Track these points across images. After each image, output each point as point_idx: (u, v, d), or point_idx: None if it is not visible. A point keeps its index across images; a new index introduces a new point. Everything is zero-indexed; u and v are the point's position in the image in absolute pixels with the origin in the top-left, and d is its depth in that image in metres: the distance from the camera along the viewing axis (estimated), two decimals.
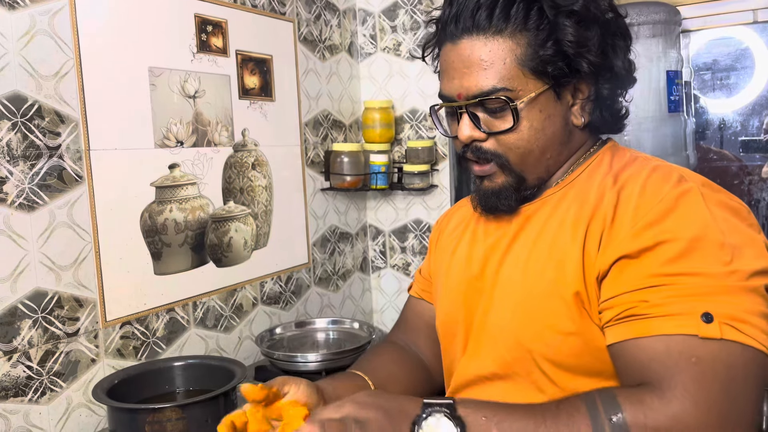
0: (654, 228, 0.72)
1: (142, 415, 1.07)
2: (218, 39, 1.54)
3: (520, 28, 0.79)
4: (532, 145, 0.83)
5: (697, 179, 0.76)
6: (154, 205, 1.40)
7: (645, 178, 0.77)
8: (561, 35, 0.79)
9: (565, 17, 0.79)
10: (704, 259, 0.69)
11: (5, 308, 1.13)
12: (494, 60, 0.80)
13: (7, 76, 1.12)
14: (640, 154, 0.86)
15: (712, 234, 0.70)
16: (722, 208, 0.73)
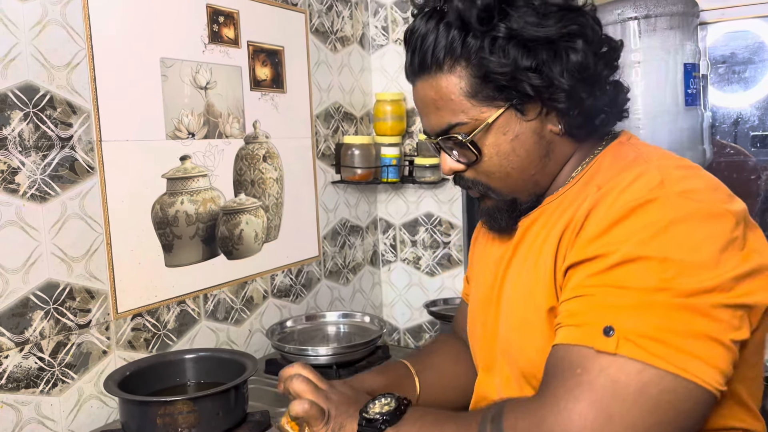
0: (599, 239, 0.68)
1: (154, 407, 1.07)
2: (230, 30, 1.53)
3: (455, 61, 0.77)
4: (506, 168, 0.80)
5: (680, 185, 0.68)
6: (166, 196, 1.39)
7: (624, 187, 0.71)
8: (489, 65, 0.75)
9: (489, 45, 0.75)
10: (637, 274, 0.64)
11: (17, 299, 1.12)
12: (443, 97, 0.79)
13: (19, 66, 1.12)
14: (647, 151, 0.78)
15: (657, 248, 0.64)
16: (693, 219, 0.65)
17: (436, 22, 0.77)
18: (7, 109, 1.10)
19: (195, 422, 1.08)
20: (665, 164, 0.73)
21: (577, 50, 0.75)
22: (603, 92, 0.79)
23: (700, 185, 0.70)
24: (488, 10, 0.74)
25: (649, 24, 1.53)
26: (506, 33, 0.74)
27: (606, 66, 0.79)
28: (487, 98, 0.77)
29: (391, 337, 2.14)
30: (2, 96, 1.10)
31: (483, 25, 0.75)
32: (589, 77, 0.76)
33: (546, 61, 0.75)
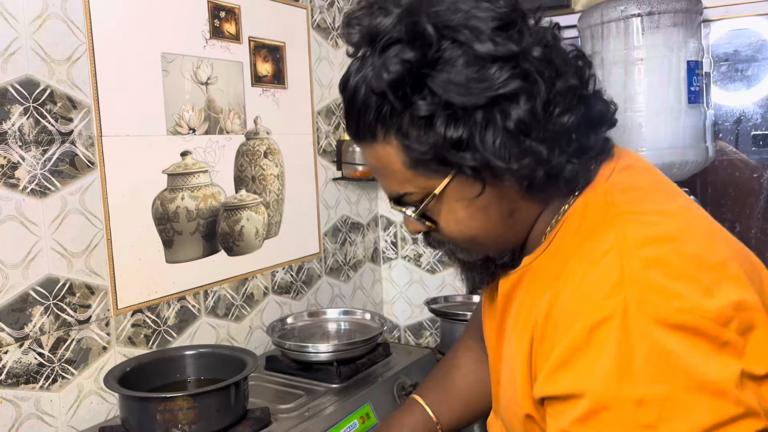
0: (563, 373, 0.59)
1: (154, 403, 1.07)
2: (231, 25, 1.53)
3: (387, 132, 0.66)
4: (468, 232, 0.71)
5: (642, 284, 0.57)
6: (166, 192, 1.39)
7: (579, 284, 0.61)
8: (410, 146, 0.65)
9: (408, 123, 0.64)
10: (615, 423, 0.55)
11: (17, 295, 1.12)
12: (385, 166, 0.69)
13: (19, 60, 1.11)
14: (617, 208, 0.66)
15: (627, 387, 0.55)
16: (665, 336, 0.55)
17: (365, 80, 0.65)
18: (7, 103, 1.10)
19: (195, 419, 1.07)
20: (629, 238, 0.61)
21: (519, 109, 0.62)
22: (566, 143, 0.65)
23: (666, 275, 0.57)
24: (399, 86, 0.63)
25: (652, 21, 1.53)
26: (427, 109, 0.62)
27: (566, 111, 0.64)
28: (429, 169, 0.66)
29: (392, 335, 2.14)
30: (2, 90, 1.09)
31: (399, 101, 0.63)
32: (541, 135, 0.63)
33: (477, 132, 0.62)
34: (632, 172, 0.71)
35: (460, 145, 0.63)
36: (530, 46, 0.63)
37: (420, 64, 0.62)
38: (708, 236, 0.64)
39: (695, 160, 1.58)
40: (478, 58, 0.62)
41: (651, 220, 0.64)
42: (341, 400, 1.31)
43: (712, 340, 0.55)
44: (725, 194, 1.80)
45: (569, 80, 0.65)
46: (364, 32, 0.66)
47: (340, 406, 1.29)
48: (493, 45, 0.62)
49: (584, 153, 0.68)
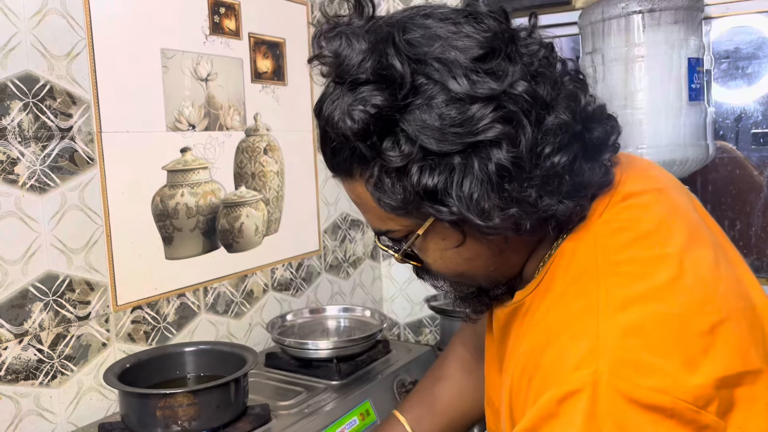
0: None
1: (154, 400, 1.07)
2: (231, 21, 1.52)
3: (363, 171, 0.62)
4: (455, 270, 0.68)
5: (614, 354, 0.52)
6: (166, 189, 1.38)
7: (552, 342, 0.57)
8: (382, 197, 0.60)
9: (378, 173, 0.60)
10: None
11: (17, 291, 1.12)
12: (364, 203, 0.65)
13: (19, 55, 1.11)
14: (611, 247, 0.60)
15: None
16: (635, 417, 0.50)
17: (335, 119, 0.60)
18: (6, 99, 1.09)
19: (195, 415, 1.07)
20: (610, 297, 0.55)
21: (501, 154, 0.56)
22: (558, 183, 0.59)
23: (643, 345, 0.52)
24: (366, 136, 0.57)
25: (653, 18, 1.52)
26: (399, 159, 0.57)
27: (558, 150, 0.58)
28: (408, 212, 0.61)
29: (391, 332, 2.14)
30: (2, 86, 1.09)
31: (369, 149, 0.59)
32: (529, 181, 0.57)
33: (452, 181, 0.57)
34: (628, 205, 0.64)
35: (434, 195, 0.58)
36: (515, 81, 0.57)
37: (390, 108, 0.57)
38: (701, 292, 0.56)
39: (696, 158, 1.57)
40: (455, 98, 0.56)
41: (638, 273, 0.57)
42: (341, 397, 1.31)
43: (689, 424, 0.50)
44: (726, 192, 1.80)
45: (560, 115, 0.58)
46: (331, 62, 0.60)
47: (340, 402, 1.29)
48: (469, 84, 0.55)
49: (578, 192, 0.61)
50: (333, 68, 0.60)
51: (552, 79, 0.59)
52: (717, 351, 0.52)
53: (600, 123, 0.63)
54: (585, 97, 0.62)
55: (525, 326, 0.66)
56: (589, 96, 0.63)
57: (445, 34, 0.57)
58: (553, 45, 0.62)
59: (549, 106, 0.58)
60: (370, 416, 1.32)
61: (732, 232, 1.81)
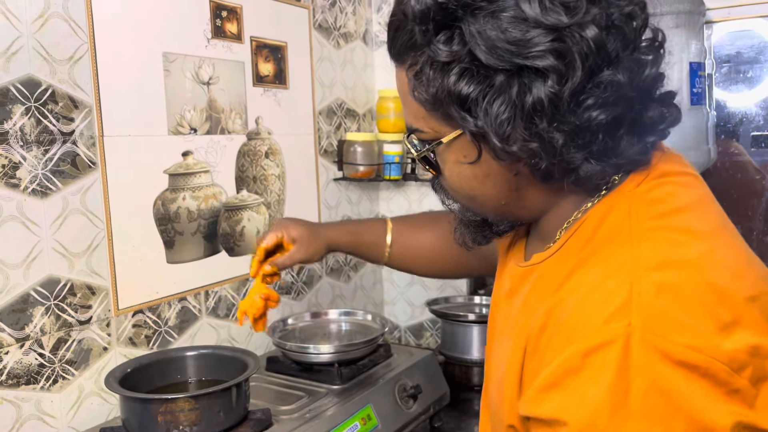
0: (551, 394, 0.54)
1: (155, 405, 1.06)
2: (233, 25, 1.52)
3: (413, 59, 0.62)
4: (469, 192, 0.67)
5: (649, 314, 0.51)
6: (167, 192, 1.38)
7: (581, 299, 0.56)
8: (418, 86, 0.61)
9: (426, 61, 0.60)
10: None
11: (18, 295, 1.12)
12: (403, 93, 0.65)
13: (21, 59, 1.11)
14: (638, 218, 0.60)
15: (618, 422, 0.49)
16: (668, 374, 0.49)
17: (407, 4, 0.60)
18: (8, 103, 1.09)
19: (196, 420, 1.07)
20: (644, 257, 0.55)
21: (543, 88, 0.55)
22: (589, 141, 0.58)
23: (679, 305, 0.51)
24: (424, 20, 0.58)
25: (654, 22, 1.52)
26: (447, 54, 0.57)
27: (598, 106, 0.56)
28: (442, 115, 0.62)
29: (392, 335, 2.14)
30: (4, 90, 1.09)
31: (423, 36, 0.59)
32: (558, 124, 0.57)
33: (487, 95, 0.57)
34: (666, 181, 0.63)
35: (464, 102, 0.58)
36: (586, 22, 0.55)
37: (457, 3, 0.56)
38: (737, 267, 0.57)
39: (697, 162, 1.57)
40: (521, 18, 0.55)
41: (673, 239, 0.57)
42: (342, 401, 1.31)
43: (722, 386, 0.49)
44: (727, 196, 1.80)
45: (617, 75, 0.56)
46: None
47: (342, 407, 1.29)
48: (540, 9, 0.54)
49: (609, 157, 0.60)
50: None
51: (626, 38, 0.57)
52: (751, 321, 0.52)
53: (660, 104, 0.62)
54: (652, 70, 0.60)
55: (541, 289, 0.65)
56: (658, 72, 0.61)
57: None
58: (646, 5, 0.60)
59: (611, 61, 0.56)
60: (372, 421, 1.32)
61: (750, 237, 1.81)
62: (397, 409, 1.40)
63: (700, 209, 0.62)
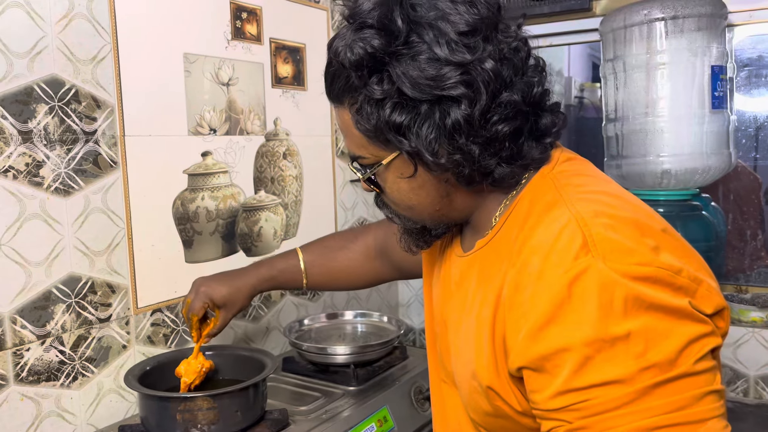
0: (548, 330, 0.63)
1: (174, 403, 1.07)
2: (252, 26, 1.53)
3: (352, 99, 0.73)
4: (407, 203, 0.79)
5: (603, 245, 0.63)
6: (187, 192, 1.39)
7: (547, 252, 0.66)
8: (359, 120, 0.72)
9: (363, 100, 0.71)
10: (611, 361, 0.60)
11: (40, 292, 1.13)
12: (346, 128, 0.77)
13: (45, 59, 1.12)
14: (566, 188, 0.73)
15: (613, 326, 0.60)
16: (634, 284, 0.61)
17: (339, 51, 0.72)
18: (32, 102, 1.11)
19: (215, 419, 1.07)
20: (582, 212, 0.67)
21: (459, 111, 0.69)
22: (498, 149, 0.72)
23: (623, 237, 0.64)
24: (359, 67, 0.70)
25: (676, 25, 1.51)
26: (380, 92, 0.70)
27: (502, 121, 0.71)
28: (381, 141, 0.74)
29: (407, 338, 2.13)
30: (28, 89, 1.10)
31: (358, 80, 0.71)
32: (474, 138, 0.70)
33: (417, 121, 0.70)
34: (573, 163, 0.79)
35: (399, 129, 0.71)
36: (484, 57, 0.69)
37: (383, 52, 0.69)
38: (645, 211, 0.71)
39: (718, 167, 1.56)
40: (434, 59, 0.68)
41: (596, 199, 0.70)
42: (358, 402, 1.31)
43: (669, 285, 0.62)
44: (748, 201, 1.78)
45: (513, 95, 0.71)
46: (349, 6, 0.73)
47: (358, 408, 1.29)
48: (449, 51, 0.68)
49: (516, 159, 0.74)
50: (348, 10, 0.73)
51: (516, 66, 0.72)
52: (670, 244, 0.66)
53: (550, 113, 0.77)
54: (538, 88, 0.74)
55: (494, 263, 0.76)
56: (544, 89, 0.75)
57: (443, 7, 0.70)
58: (527, 40, 0.75)
59: (507, 86, 0.71)
60: (388, 422, 1.32)
61: (754, 242, 1.79)
62: (413, 411, 1.40)
63: (605, 178, 0.77)
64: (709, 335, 0.62)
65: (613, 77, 1.64)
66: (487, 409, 0.76)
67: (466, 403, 0.81)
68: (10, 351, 1.09)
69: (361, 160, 0.78)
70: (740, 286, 1.72)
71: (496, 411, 0.75)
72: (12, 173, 1.08)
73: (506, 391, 0.72)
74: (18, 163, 1.09)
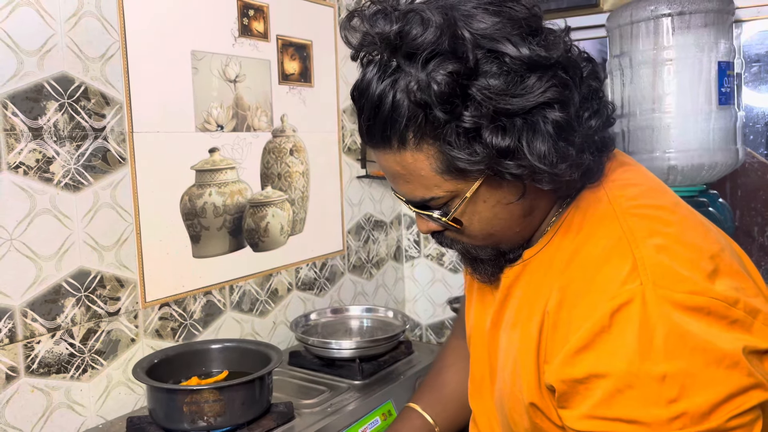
0: (584, 355, 0.61)
1: (181, 395, 1.09)
2: (260, 23, 1.54)
3: (421, 139, 0.66)
4: (488, 230, 0.73)
5: (655, 272, 0.60)
6: (194, 188, 1.41)
7: (594, 272, 0.64)
8: (457, 158, 0.65)
9: (455, 137, 0.64)
10: (641, 400, 0.58)
11: (50, 286, 1.15)
12: (412, 173, 0.69)
13: (55, 57, 1.14)
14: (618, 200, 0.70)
15: (650, 365, 0.57)
16: (681, 316, 0.58)
17: (391, 84, 0.64)
18: (43, 99, 1.13)
19: (221, 411, 1.09)
20: (635, 231, 0.64)
21: (557, 115, 0.64)
22: (590, 144, 0.69)
23: (675, 261, 0.61)
24: (449, 99, 0.62)
25: (683, 21, 1.51)
26: (472, 121, 0.63)
27: (593, 115, 0.68)
28: (462, 172, 0.67)
29: (413, 333, 2.15)
30: (39, 86, 1.12)
31: (446, 114, 0.63)
32: (575, 140, 0.66)
33: (524, 139, 0.64)
34: (626, 169, 0.76)
35: (507, 153, 0.64)
36: (559, 52, 0.65)
37: (464, 76, 0.62)
38: (701, 228, 0.68)
39: (725, 163, 1.55)
40: (514, 67, 0.63)
41: (651, 215, 0.68)
42: (363, 396, 1.32)
43: (723, 319, 0.59)
44: (755, 197, 1.78)
45: (591, 83, 0.68)
46: (394, 43, 0.64)
47: (362, 402, 1.30)
48: (529, 52, 0.63)
49: (601, 151, 0.72)
50: (400, 46, 0.64)
51: (576, 54, 0.69)
52: (726, 269, 0.63)
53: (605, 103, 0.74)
54: (599, 68, 0.72)
55: (540, 277, 0.73)
56: (600, 70, 0.73)
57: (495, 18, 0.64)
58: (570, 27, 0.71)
59: (582, 78, 0.68)
60: (392, 416, 1.33)
61: (761, 238, 1.79)
62: None
63: (658, 188, 0.74)
64: (756, 388, 0.58)
65: (620, 73, 1.64)
66: (527, 426, 0.74)
67: (506, 417, 0.79)
68: (21, 343, 1.11)
69: (433, 202, 0.71)
70: None
71: (534, 428, 0.73)
72: (23, 169, 1.10)
73: (548, 407, 0.70)
74: (29, 159, 1.11)
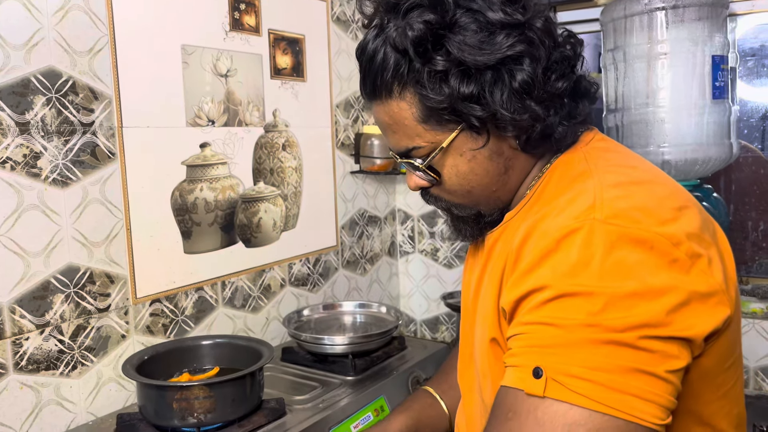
0: (529, 275, 0.66)
1: (171, 392, 1.08)
2: (251, 17, 1.53)
3: (403, 87, 0.74)
4: (466, 187, 0.79)
5: (608, 209, 0.65)
6: (185, 183, 1.40)
7: (557, 214, 0.68)
8: (428, 98, 0.72)
9: (427, 77, 0.72)
10: (566, 309, 0.62)
11: (38, 283, 1.14)
12: (396, 122, 0.76)
13: (42, 51, 1.13)
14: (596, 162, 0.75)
15: (584, 281, 0.61)
16: (623, 247, 0.62)
17: (383, 41, 0.73)
18: (30, 93, 1.11)
19: (211, 408, 1.08)
20: (604, 181, 0.69)
21: (523, 71, 0.71)
22: (559, 106, 0.75)
23: (631, 206, 0.65)
24: (421, 43, 0.71)
25: (677, 14, 1.50)
26: (443, 65, 0.70)
27: (561, 77, 0.74)
28: (439, 122, 0.74)
29: (408, 329, 2.14)
30: (25, 81, 1.11)
31: (420, 57, 0.71)
32: (540, 96, 0.72)
33: (487, 88, 0.71)
34: (607, 143, 0.81)
35: (470, 98, 0.71)
36: (534, 17, 0.72)
37: (439, 26, 0.70)
38: (672, 187, 0.72)
39: (719, 157, 1.55)
40: (488, 24, 0.70)
41: (624, 171, 0.72)
42: (356, 392, 1.32)
43: (664, 256, 0.62)
44: (749, 191, 1.77)
45: (565, 51, 0.75)
46: (384, 2, 0.74)
47: (355, 398, 1.29)
48: (503, 14, 0.70)
49: (573, 118, 0.76)
50: (384, 5, 0.74)
51: (556, 27, 0.76)
52: (684, 220, 0.66)
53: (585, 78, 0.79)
54: (580, 48, 0.77)
55: (515, 228, 0.76)
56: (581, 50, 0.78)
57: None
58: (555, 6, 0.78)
59: (557, 43, 0.74)
60: (385, 412, 1.33)
61: (755, 233, 1.78)
62: None
63: (638, 157, 0.79)
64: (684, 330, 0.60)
65: (614, 67, 1.63)
66: (491, 374, 0.76)
67: (481, 376, 0.81)
68: (9, 340, 1.10)
69: (415, 152, 0.77)
70: (741, 277, 1.71)
71: (494, 373, 0.76)
72: (10, 164, 1.09)
73: (504, 340, 0.72)
74: (16, 154, 1.10)
